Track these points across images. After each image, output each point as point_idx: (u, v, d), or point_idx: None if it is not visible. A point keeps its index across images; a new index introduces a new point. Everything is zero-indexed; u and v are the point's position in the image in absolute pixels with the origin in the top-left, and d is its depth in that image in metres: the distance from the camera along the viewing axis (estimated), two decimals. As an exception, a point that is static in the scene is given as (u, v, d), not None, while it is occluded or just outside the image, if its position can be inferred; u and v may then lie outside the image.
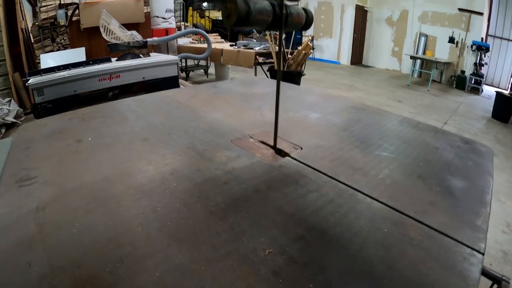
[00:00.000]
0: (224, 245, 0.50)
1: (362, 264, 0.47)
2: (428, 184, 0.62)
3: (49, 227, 0.51)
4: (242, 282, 0.43)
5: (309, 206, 0.60)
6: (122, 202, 0.60)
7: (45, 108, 2.16)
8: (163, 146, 0.73)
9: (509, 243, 2.75)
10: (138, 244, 0.49)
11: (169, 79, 2.62)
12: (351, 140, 0.76)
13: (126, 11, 4.49)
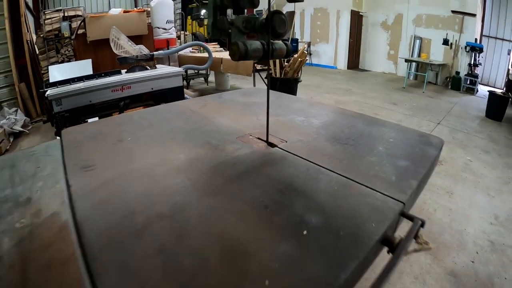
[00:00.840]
0: (234, 195, 0.77)
1: (317, 205, 0.73)
2: (375, 164, 0.85)
3: (119, 191, 0.75)
4: (247, 210, 0.70)
5: (287, 175, 0.86)
6: (167, 176, 0.86)
7: (63, 117, 2.40)
8: (187, 142, 0.97)
9: (496, 233, 2.92)
10: (182, 196, 0.76)
11: (175, 89, 2.86)
12: (325, 136, 1.00)
13: (130, 24, 4.74)
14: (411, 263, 2.46)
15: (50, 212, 0.66)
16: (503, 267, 2.53)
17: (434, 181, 3.78)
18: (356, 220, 0.62)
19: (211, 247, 0.56)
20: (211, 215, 0.68)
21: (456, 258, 2.58)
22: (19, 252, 0.55)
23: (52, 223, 0.62)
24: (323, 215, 0.65)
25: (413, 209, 2.47)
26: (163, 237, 0.59)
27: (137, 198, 0.73)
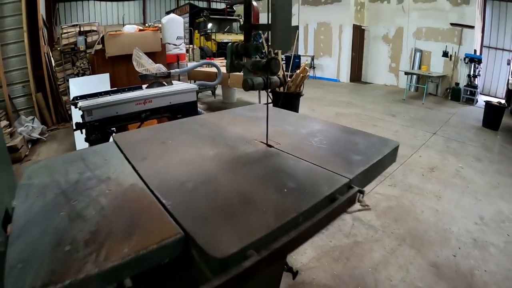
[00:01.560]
0: (245, 173, 1.14)
1: (294, 178, 1.09)
2: (339, 158, 1.23)
3: (172, 172, 1.12)
4: (253, 180, 1.08)
5: (278, 163, 1.23)
6: (201, 163, 1.23)
7: (93, 126, 2.82)
8: (212, 144, 1.36)
9: (480, 232, 3.21)
10: (213, 173, 1.13)
11: (190, 103, 3.27)
12: (307, 141, 1.38)
13: (145, 42, 5.18)
14: (396, 255, 2.77)
15: (129, 184, 1.06)
16: (483, 261, 2.80)
17: (424, 186, 4.10)
18: (317, 186, 1.00)
19: (233, 196, 0.95)
20: (232, 182, 1.07)
21: (439, 252, 2.87)
22: (115, 204, 0.94)
23: (132, 189, 1.02)
24: (297, 183, 1.03)
25: (403, 210, 2.85)
26: (206, 190, 0.99)
27: (185, 175, 1.10)
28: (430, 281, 2.51)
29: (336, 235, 2.97)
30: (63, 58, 7.19)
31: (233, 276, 0.63)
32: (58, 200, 0.96)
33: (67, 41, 7.18)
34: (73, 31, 7.45)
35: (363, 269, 2.57)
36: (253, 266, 0.67)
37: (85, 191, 1.01)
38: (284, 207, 0.87)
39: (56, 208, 0.92)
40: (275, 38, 1.11)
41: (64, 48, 7.15)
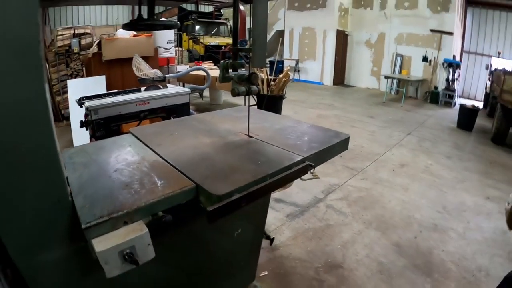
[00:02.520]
0: (232, 153, 1.54)
1: (266, 157, 1.49)
2: (300, 144, 1.69)
3: (182, 153, 1.55)
4: (238, 158, 1.49)
5: (256, 147, 1.65)
6: (202, 147, 1.62)
7: (99, 123, 3.24)
8: (208, 135, 1.80)
9: (441, 219, 3.70)
10: (210, 154, 1.54)
11: (183, 105, 3.71)
12: (279, 133, 1.83)
13: (139, 47, 5.60)
14: (363, 236, 3.25)
15: (152, 160, 1.49)
16: (442, 242, 3.27)
17: (394, 180, 4.62)
18: (280, 161, 1.42)
19: (224, 166, 1.39)
20: (223, 158, 1.49)
21: (402, 234, 3.35)
22: (146, 171, 1.39)
23: (156, 163, 1.45)
24: (267, 159, 1.46)
25: (372, 199, 3.39)
26: (206, 163, 1.43)
27: (191, 154, 1.51)
28: (391, 258, 2.97)
29: (311, 219, 3.46)
30: (57, 60, 7.49)
31: (225, 203, 1.10)
32: (101, 171, 1.41)
33: (62, 43, 7.48)
34: (67, 34, 7.75)
35: (333, 247, 3.06)
36: (237, 200, 1.14)
37: (121, 165, 1.46)
38: (257, 171, 1.33)
39: (101, 175, 1.36)
40: (254, 58, 1.58)
41: (59, 49, 7.46)
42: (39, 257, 1.10)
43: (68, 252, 1.16)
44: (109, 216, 1.04)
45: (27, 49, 0.90)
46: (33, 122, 0.96)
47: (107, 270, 1.01)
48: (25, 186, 0.99)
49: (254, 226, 2.01)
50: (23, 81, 0.92)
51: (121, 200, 1.13)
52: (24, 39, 0.88)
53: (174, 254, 1.60)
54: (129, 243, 1.01)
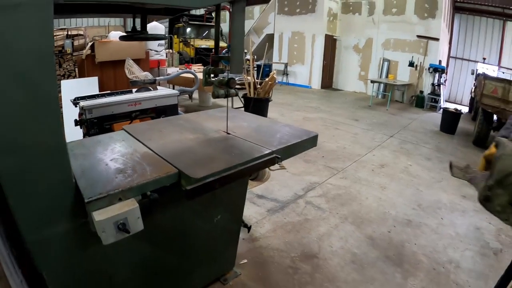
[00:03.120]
0: (212, 147, 1.80)
1: (240, 149, 1.76)
2: (271, 140, 1.95)
3: (170, 146, 1.83)
4: (216, 150, 1.77)
5: (232, 142, 1.91)
6: (186, 142, 1.88)
7: (92, 122, 3.48)
8: (192, 132, 2.06)
9: (416, 215, 3.95)
10: (193, 147, 1.79)
11: (172, 106, 3.97)
12: (254, 131, 2.10)
13: (131, 49, 5.85)
14: (339, 230, 3.51)
15: (143, 151, 1.75)
16: (415, 236, 3.51)
17: (372, 179, 4.90)
18: (251, 153, 1.68)
19: (203, 156, 1.65)
20: (203, 150, 1.75)
21: (376, 229, 3.61)
22: (138, 160, 1.66)
23: (146, 154, 1.71)
24: (241, 151, 1.72)
25: (350, 197, 3.72)
26: (188, 154, 1.69)
27: (176, 147, 1.78)
28: (364, 249, 3.22)
29: (290, 214, 3.74)
30: (50, 60, 7.65)
31: (201, 184, 1.38)
32: (99, 160, 1.67)
33: (55, 43, 7.69)
34: (61, 34, 7.93)
35: (310, 239, 3.32)
36: (211, 182, 1.42)
37: (116, 155, 1.72)
38: (230, 161, 1.60)
39: (99, 163, 1.63)
40: (232, 65, 1.86)
41: (52, 50, 7.63)
42: (46, 231, 1.36)
43: (70, 227, 1.42)
44: (107, 193, 1.31)
45: (44, 56, 1.17)
46: (48, 116, 1.23)
47: (104, 238, 1.27)
48: (39, 171, 1.25)
49: (232, 214, 2.27)
50: (40, 81, 1.18)
51: (117, 181, 1.40)
52: (42, 49, 1.16)
53: (160, 234, 1.87)
54: (122, 215, 1.28)
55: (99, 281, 1.70)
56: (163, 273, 2.05)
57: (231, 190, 2.14)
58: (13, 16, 1.07)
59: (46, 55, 1.19)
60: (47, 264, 1.42)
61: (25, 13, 1.09)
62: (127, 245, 1.65)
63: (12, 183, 1.22)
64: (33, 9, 1.11)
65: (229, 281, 2.62)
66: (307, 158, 5.64)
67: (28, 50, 1.13)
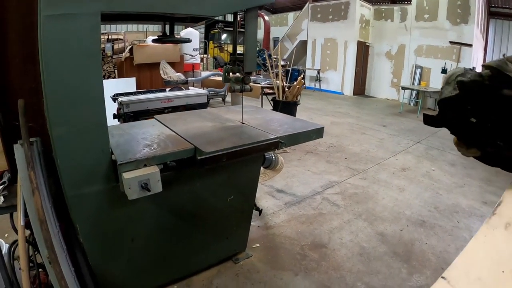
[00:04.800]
0: (226, 132, 2.11)
1: (249, 135, 2.06)
2: (279, 129, 2.21)
3: (191, 131, 2.13)
4: (229, 135, 2.06)
5: (244, 130, 2.21)
6: (205, 128, 2.21)
7: (129, 115, 3.91)
8: (212, 121, 2.39)
9: (431, 217, 3.99)
10: (210, 131, 2.12)
11: (201, 104, 4.34)
12: (267, 122, 2.38)
13: (167, 53, 6.33)
14: (351, 225, 3.68)
15: (168, 133, 2.10)
16: (426, 236, 3.57)
17: (392, 181, 5.01)
18: (258, 138, 1.97)
19: (217, 138, 1.97)
20: (217, 134, 2.06)
21: (388, 226, 3.73)
22: (164, 139, 1.99)
23: (171, 136, 2.05)
24: (249, 136, 2.01)
25: (366, 196, 3.97)
26: (205, 136, 2.00)
27: (195, 131, 2.10)
28: (374, 244, 3.35)
29: (306, 208, 3.97)
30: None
31: (210, 156, 1.70)
32: (131, 138, 2.03)
33: (96, 47, 8.37)
34: (102, 38, 8.62)
35: (321, 230, 3.53)
36: (219, 155, 1.74)
37: (147, 135, 2.08)
38: (238, 142, 1.91)
39: (132, 140, 1.98)
40: (247, 64, 2.16)
41: (93, 53, 8.31)
42: (84, 189, 1.74)
43: (103, 189, 1.79)
44: (135, 159, 1.66)
45: (93, 54, 1.56)
46: (94, 100, 1.61)
47: (129, 193, 1.61)
48: (84, 140, 1.63)
49: (244, 196, 2.57)
50: (89, 74, 1.56)
51: (144, 152, 1.75)
52: (92, 48, 1.55)
53: (177, 206, 2.21)
54: (145, 176, 1.61)
55: (122, 240, 2.07)
56: (178, 244, 2.38)
57: (243, 174, 2.43)
58: (70, 23, 1.48)
59: (95, 53, 1.59)
60: (81, 218, 1.80)
61: (80, 20, 1.50)
62: (148, 211, 2.02)
63: (62, 147, 1.62)
64: (85, 18, 1.51)
65: (240, 261, 2.90)
66: (329, 159, 5.83)
67: (81, 49, 1.53)
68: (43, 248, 1.63)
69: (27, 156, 1.67)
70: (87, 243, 1.92)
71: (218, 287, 2.62)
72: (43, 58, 1.48)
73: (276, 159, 2.85)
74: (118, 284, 2.20)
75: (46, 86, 1.52)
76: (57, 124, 1.57)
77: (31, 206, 1.68)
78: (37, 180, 1.70)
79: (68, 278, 1.73)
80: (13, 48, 1.85)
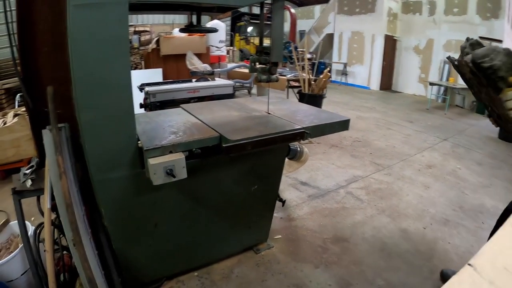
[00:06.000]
0: (251, 121, 2.08)
1: (274, 124, 2.01)
2: (304, 120, 2.18)
3: (217, 119, 2.11)
4: (255, 124, 2.04)
5: (269, 119, 2.19)
6: (231, 117, 2.20)
7: (155, 105, 3.94)
8: (238, 110, 2.36)
9: (455, 216, 3.87)
10: (235, 120, 2.11)
11: (227, 95, 4.32)
12: (294, 114, 2.35)
13: (193, 44, 6.34)
14: (373, 220, 3.61)
15: (194, 121, 2.09)
16: (450, 236, 3.47)
17: (417, 178, 4.87)
18: (284, 128, 1.92)
19: (242, 127, 1.95)
20: (242, 123, 2.04)
21: (411, 224, 3.64)
22: (190, 127, 1.98)
23: (196, 124, 2.05)
24: (274, 126, 1.97)
25: (391, 192, 3.91)
26: (230, 125, 1.98)
27: (221, 119, 2.09)
28: (396, 241, 3.28)
29: (329, 201, 3.91)
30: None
31: (235, 144, 1.67)
32: (158, 125, 2.03)
33: (123, 38, 8.50)
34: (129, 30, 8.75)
35: (344, 224, 3.48)
36: (243, 144, 1.71)
37: (173, 123, 2.08)
38: (263, 131, 1.87)
39: (158, 128, 1.98)
40: (273, 53, 2.11)
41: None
42: (110, 174, 1.76)
43: (129, 174, 1.80)
44: (161, 145, 1.65)
45: (121, 41, 1.57)
46: (122, 88, 1.61)
47: (154, 179, 1.61)
48: (111, 126, 1.64)
49: (268, 186, 2.54)
50: (117, 62, 1.56)
51: (170, 139, 1.75)
52: (120, 36, 1.55)
53: (202, 194, 2.20)
54: (171, 162, 1.60)
55: (145, 226, 2.09)
56: (201, 231, 2.38)
57: (267, 164, 2.40)
58: (98, 12, 1.49)
59: (123, 42, 1.59)
60: (106, 202, 1.83)
61: (107, 9, 1.50)
62: (172, 198, 2.02)
63: (89, 133, 1.64)
64: (113, 7, 1.51)
65: (261, 251, 2.89)
66: (354, 153, 5.73)
67: (109, 38, 1.53)
68: (68, 231, 1.68)
69: (56, 141, 1.71)
70: (111, 227, 1.96)
71: (238, 276, 2.62)
72: (71, 47, 1.50)
73: (301, 150, 2.80)
74: (140, 268, 2.23)
75: (75, 73, 1.54)
76: (85, 110, 1.60)
77: (58, 190, 1.72)
78: (65, 165, 1.74)
79: (91, 261, 1.77)
80: (43, 37, 1.90)
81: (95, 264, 1.85)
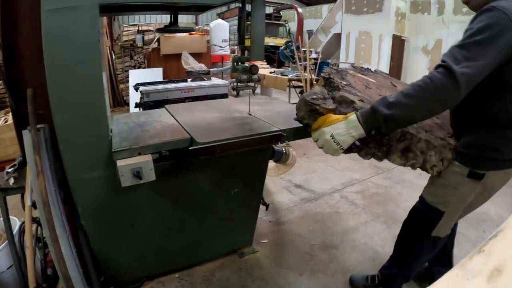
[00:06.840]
0: (230, 123, 2.05)
1: (255, 126, 1.98)
2: (284, 122, 2.15)
3: (195, 121, 2.09)
4: (235, 125, 2.02)
5: (249, 120, 2.14)
6: (209, 118, 2.18)
7: (149, 105, 3.96)
8: (220, 112, 2.34)
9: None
10: (213, 122, 2.08)
11: (222, 95, 4.33)
12: (276, 115, 2.33)
13: (194, 44, 6.38)
14: (367, 226, 3.52)
15: (171, 123, 2.08)
16: None
17: (417, 182, 4.76)
18: (261, 130, 1.88)
19: (217, 129, 1.92)
20: (221, 126, 2.01)
21: None
22: (164, 128, 1.97)
23: (173, 125, 2.04)
24: (252, 128, 1.92)
25: (388, 196, 3.80)
26: (206, 127, 1.96)
27: (198, 121, 2.07)
28: (389, 250, 3.07)
29: (322, 205, 3.87)
30: (122, 52, 8.57)
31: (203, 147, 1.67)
32: (135, 126, 2.04)
33: (127, 37, 8.58)
34: (132, 30, 8.82)
35: (334, 231, 3.42)
36: (212, 146, 1.71)
37: (150, 124, 2.08)
38: (238, 133, 1.86)
39: (135, 128, 1.99)
40: (253, 52, 2.10)
41: (124, 43, 8.54)
42: (85, 174, 1.80)
43: (104, 174, 1.82)
44: (129, 147, 1.65)
45: (92, 44, 1.61)
46: (94, 90, 1.67)
47: (122, 180, 1.62)
48: (85, 127, 1.69)
49: (251, 189, 2.52)
50: (89, 65, 1.63)
51: (141, 140, 1.74)
52: (91, 39, 1.60)
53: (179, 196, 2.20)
54: (138, 164, 1.61)
55: (122, 226, 2.11)
56: (180, 234, 2.38)
57: (248, 166, 2.38)
58: (71, 15, 1.53)
59: (94, 45, 1.64)
60: (82, 201, 1.86)
61: (79, 12, 1.54)
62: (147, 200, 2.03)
63: (64, 133, 1.70)
64: (84, 10, 1.56)
65: (245, 255, 2.87)
66: (354, 156, 5.60)
67: (80, 41, 1.58)
68: (45, 228, 1.73)
69: (34, 141, 1.77)
70: (88, 226, 1.99)
71: (218, 280, 2.61)
72: (45, 50, 1.56)
73: (287, 153, 2.78)
74: (119, 267, 2.25)
75: (48, 77, 1.59)
76: (59, 113, 1.66)
77: (36, 188, 1.76)
78: (42, 164, 1.78)
79: (67, 258, 1.83)
80: (25, 40, 1.95)
81: (72, 261, 1.91)
